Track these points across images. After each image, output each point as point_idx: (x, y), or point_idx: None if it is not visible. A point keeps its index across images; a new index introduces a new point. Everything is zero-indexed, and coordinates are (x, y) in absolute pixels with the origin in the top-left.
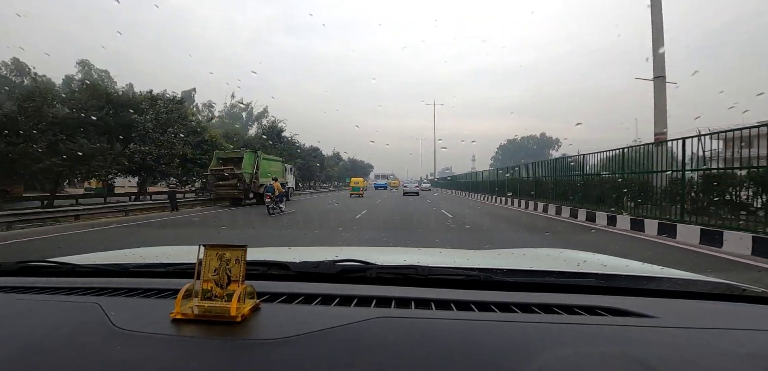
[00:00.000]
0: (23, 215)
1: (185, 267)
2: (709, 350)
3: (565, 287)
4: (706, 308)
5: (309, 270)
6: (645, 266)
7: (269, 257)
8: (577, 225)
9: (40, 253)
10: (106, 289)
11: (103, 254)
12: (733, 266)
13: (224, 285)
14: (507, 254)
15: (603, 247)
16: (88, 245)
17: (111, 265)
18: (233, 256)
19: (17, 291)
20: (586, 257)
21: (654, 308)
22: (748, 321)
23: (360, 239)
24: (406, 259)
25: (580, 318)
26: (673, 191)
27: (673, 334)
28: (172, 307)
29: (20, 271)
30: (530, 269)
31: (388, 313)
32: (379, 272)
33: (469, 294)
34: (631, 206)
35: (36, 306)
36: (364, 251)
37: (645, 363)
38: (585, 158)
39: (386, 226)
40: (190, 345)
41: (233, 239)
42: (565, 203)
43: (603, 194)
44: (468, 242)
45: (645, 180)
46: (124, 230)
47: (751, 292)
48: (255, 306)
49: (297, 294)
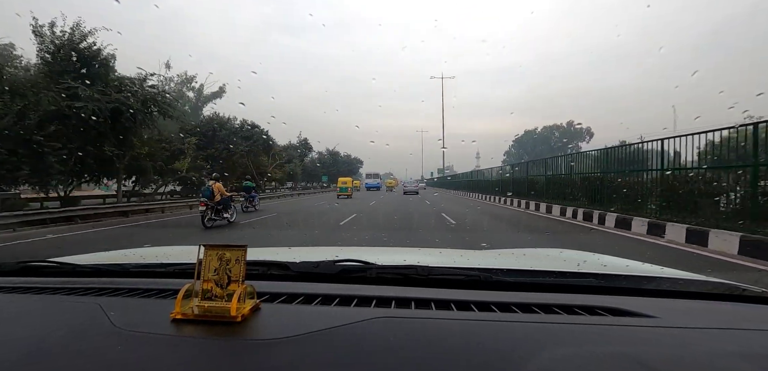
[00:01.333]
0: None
1: (185, 267)
2: (709, 350)
3: (565, 287)
4: (706, 308)
5: (309, 270)
6: (645, 266)
7: (269, 257)
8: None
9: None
10: (107, 289)
11: (103, 254)
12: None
13: (224, 285)
14: (507, 255)
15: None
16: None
17: (111, 265)
18: (233, 256)
19: (18, 291)
20: (586, 257)
21: (654, 308)
22: (748, 321)
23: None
24: (406, 259)
25: (580, 318)
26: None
27: (673, 334)
28: (172, 307)
29: (21, 271)
30: (530, 269)
31: (389, 313)
32: (379, 273)
33: (469, 294)
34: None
35: (36, 306)
36: (364, 252)
37: (645, 363)
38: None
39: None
40: (190, 345)
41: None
42: (640, 214)
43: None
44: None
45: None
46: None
47: (751, 292)
48: (255, 306)
49: (297, 294)
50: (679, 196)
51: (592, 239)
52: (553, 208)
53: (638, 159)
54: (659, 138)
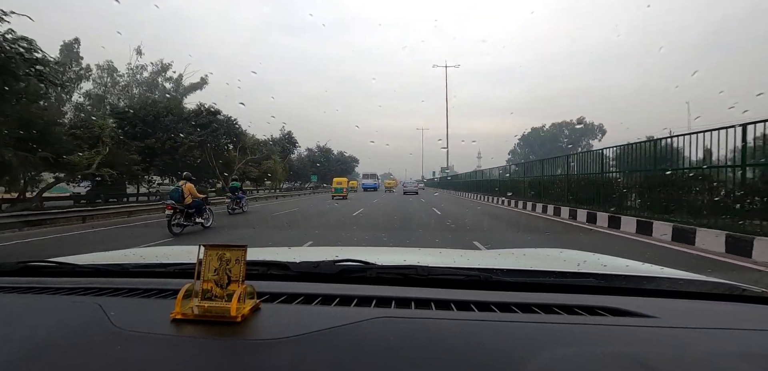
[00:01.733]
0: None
1: (185, 267)
2: (709, 350)
3: (565, 287)
4: (706, 308)
5: (309, 270)
6: (645, 266)
7: (269, 257)
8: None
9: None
10: (107, 289)
11: (103, 254)
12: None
13: (224, 285)
14: (507, 255)
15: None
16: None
17: (111, 265)
18: (233, 256)
19: (18, 291)
20: (586, 257)
21: (654, 308)
22: (748, 321)
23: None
24: (406, 259)
25: (580, 318)
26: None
27: (673, 334)
28: (172, 307)
29: (21, 271)
30: (530, 269)
31: (389, 313)
32: (379, 273)
33: (469, 294)
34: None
35: (36, 306)
36: (364, 252)
37: (645, 363)
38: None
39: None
40: (190, 345)
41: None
42: (665, 219)
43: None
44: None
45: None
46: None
47: (751, 292)
48: (255, 306)
49: (297, 294)
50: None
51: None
52: (577, 213)
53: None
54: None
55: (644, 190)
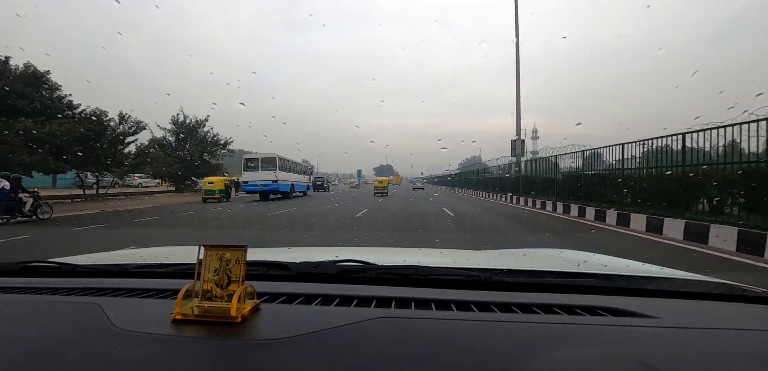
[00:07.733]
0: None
1: (185, 268)
2: (709, 350)
3: (565, 287)
4: (707, 308)
5: (309, 270)
6: (645, 266)
7: (269, 257)
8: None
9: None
10: (106, 289)
11: (103, 254)
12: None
13: (224, 285)
14: (507, 255)
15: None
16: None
17: (111, 265)
18: (233, 256)
19: (17, 291)
20: (586, 257)
21: (654, 308)
22: (748, 321)
23: None
24: (407, 259)
25: (580, 318)
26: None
27: (673, 334)
28: (172, 307)
29: (20, 271)
30: (530, 269)
31: (389, 313)
32: (379, 273)
33: (469, 295)
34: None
35: (36, 307)
36: (365, 252)
37: (645, 363)
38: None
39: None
40: (190, 345)
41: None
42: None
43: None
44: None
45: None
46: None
47: (752, 292)
48: (255, 307)
49: (297, 294)
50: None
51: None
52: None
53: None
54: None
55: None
